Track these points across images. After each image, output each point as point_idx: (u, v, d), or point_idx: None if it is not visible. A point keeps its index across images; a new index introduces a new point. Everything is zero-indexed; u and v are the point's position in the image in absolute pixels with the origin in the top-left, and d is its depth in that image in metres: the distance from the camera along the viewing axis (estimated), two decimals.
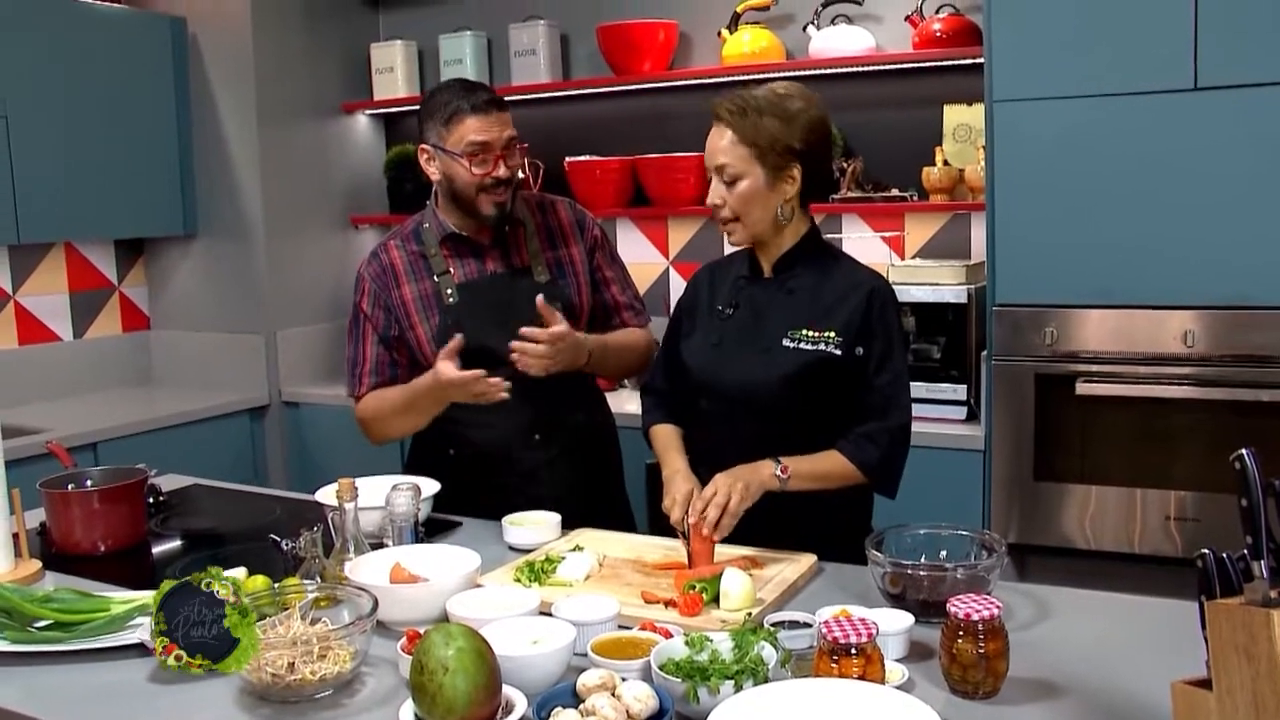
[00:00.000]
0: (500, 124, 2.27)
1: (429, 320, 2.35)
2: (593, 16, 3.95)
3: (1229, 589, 1.19)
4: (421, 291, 2.36)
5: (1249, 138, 2.58)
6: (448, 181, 2.31)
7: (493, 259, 2.39)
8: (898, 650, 1.54)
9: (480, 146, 2.24)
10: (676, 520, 1.92)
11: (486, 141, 2.24)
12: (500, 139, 2.26)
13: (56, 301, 4.10)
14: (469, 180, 2.27)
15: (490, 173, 2.26)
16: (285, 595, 1.63)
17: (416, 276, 2.38)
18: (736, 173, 1.96)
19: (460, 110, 2.25)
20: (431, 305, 2.35)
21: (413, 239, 2.41)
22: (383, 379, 2.38)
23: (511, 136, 2.29)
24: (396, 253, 2.40)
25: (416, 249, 2.40)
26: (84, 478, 2.24)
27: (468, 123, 2.24)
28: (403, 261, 2.39)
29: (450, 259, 2.38)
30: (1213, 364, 2.67)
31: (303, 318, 4.27)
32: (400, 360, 2.39)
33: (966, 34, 3.33)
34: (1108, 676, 1.47)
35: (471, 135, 2.23)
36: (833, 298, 2.03)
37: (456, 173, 2.28)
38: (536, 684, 1.41)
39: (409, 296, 2.37)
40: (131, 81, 3.93)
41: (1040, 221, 2.80)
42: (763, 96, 1.96)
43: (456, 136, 2.25)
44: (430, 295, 2.36)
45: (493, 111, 2.26)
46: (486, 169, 2.26)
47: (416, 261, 2.39)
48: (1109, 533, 2.81)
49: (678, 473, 2.04)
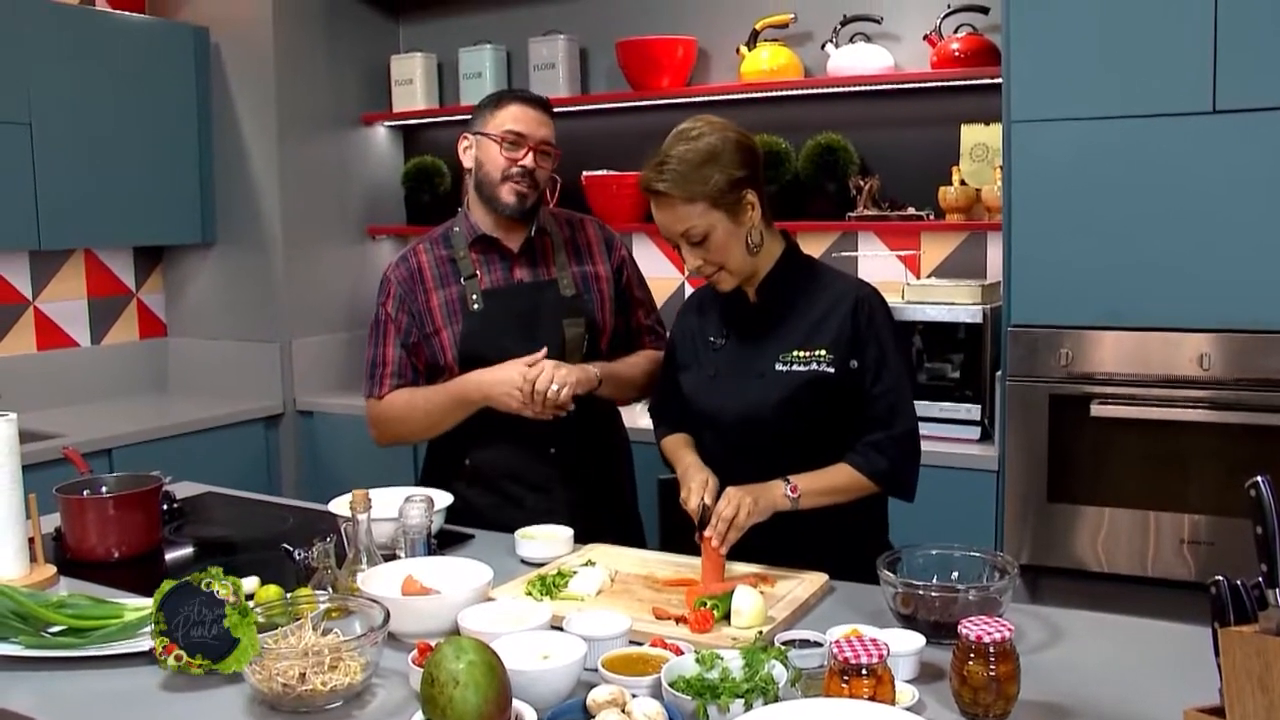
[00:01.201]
0: (540, 122, 2.35)
1: (453, 325, 2.36)
2: (612, 31, 3.97)
3: (1243, 616, 1.18)
4: (448, 297, 2.38)
5: (1267, 161, 2.57)
6: (478, 168, 2.36)
7: (520, 268, 2.40)
8: (908, 671, 1.53)
9: (516, 135, 2.31)
10: (694, 508, 1.92)
11: (523, 132, 2.31)
12: (536, 134, 2.33)
13: (75, 308, 4.13)
14: (497, 164, 2.32)
15: (518, 160, 2.31)
16: (297, 605, 1.64)
17: (444, 281, 2.39)
18: (702, 231, 1.94)
19: (507, 99, 2.36)
20: (456, 310, 2.37)
21: (442, 243, 2.43)
22: (405, 381, 2.39)
23: (547, 138, 2.35)
24: (425, 257, 2.42)
25: (445, 253, 2.42)
26: (99, 484, 2.25)
27: (511, 109, 2.33)
28: (430, 266, 2.41)
29: (478, 263, 2.40)
30: (1228, 387, 2.65)
31: (318, 327, 4.29)
32: (419, 367, 2.40)
33: (985, 54, 3.33)
34: (1119, 701, 1.46)
35: (511, 123, 2.32)
36: (818, 314, 2.02)
37: (488, 155, 2.34)
38: (547, 699, 1.41)
39: (435, 302, 2.38)
40: (153, 91, 3.96)
41: (1057, 242, 2.80)
42: (682, 150, 1.93)
43: (498, 121, 2.33)
44: (455, 300, 2.38)
45: (537, 109, 2.36)
46: (516, 155, 2.31)
47: (444, 265, 2.40)
48: (1122, 555, 2.79)
49: (691, 465, 2.05)
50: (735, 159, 1.94)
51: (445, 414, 2.34)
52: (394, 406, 2.39)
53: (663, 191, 1.93)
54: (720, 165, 1.92)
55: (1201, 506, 2.70)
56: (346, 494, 1.90)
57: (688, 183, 1.91)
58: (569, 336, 2.36)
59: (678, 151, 1.93)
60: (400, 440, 2.47)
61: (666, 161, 1.93)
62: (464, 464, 2.42)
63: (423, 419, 2.37)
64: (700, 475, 1.98)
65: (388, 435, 2.44)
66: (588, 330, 2.39)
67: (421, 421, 2.38)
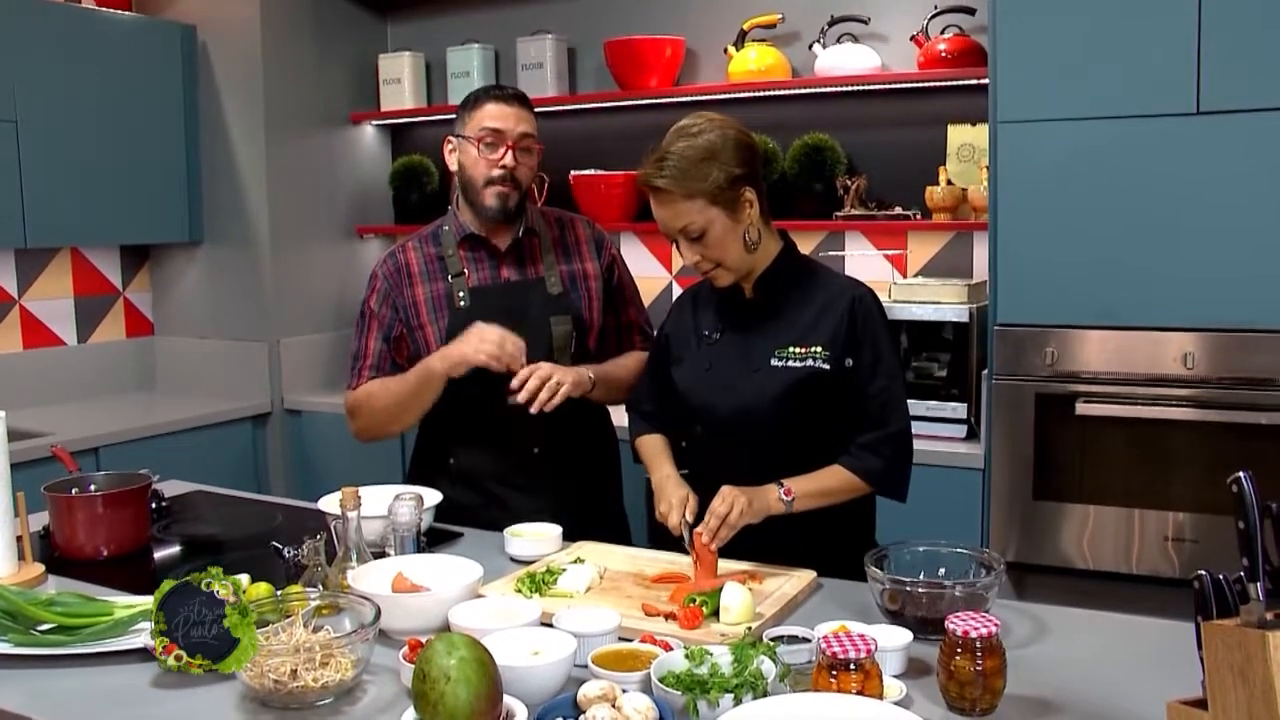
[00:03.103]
0: (517, 117, 2.32)
1: (438, 321, 2.37)
2: (600, 31, 3.98)
3: (1225, 610, 1.20)
4: (434, 292, 2.38)
5: (1250, 161, 2.59)
6: (461, 172, 2.36)
7: (508, 266, 2.41)
8: (896, 666, 1.54)
9: (493, 133, 2.30)
10: (675, 525, 1.93)
11: (500, 129, 2.30)
12: (514, 130, 2.31)
13: (61, 306, 4.12)
14: (478, 167, 2.31)
15: (498, 161, 2.29)
16: (288, 602, 1.64)
17: (430, 277, 2.40)
18: (700, 227, 1.96)
19: (482, 97, 2.34)
20: (442, 306, 2.37)
21: (431, 241, 2.44)
22: (382, 374, 2.39)
23: (526, 132, 2.33)
24: (413, 254, 2.43)
25: (434, 250, 2.42)
26: (88, 482, 2.25)
27: (487, 108, 2.32)
28: (418, 262, 2.41)
29: (466, 261, 2.40)
30: (1212, 386, 2.68)
31: (306, 326, 4.28)
32: (401, 362, 2.40)
33: (971, 55, 3.35)
34: (1104, 695, 1.47)
35: (488, 121, 2.30)
36: (815, 312, 2.04)
37: (469, 158, 2.33)
38: (537, 694, 1.42)
39: (420, 296, 2.39)
40: (140, 89, 3.95)
41: (1042, 242, 2.82)
42: (682, 146, 1.94)
43: (475, 122, 2.32)
44: (442, 297, 2.38)
45: (513, 104, 2.33)
46: (495, 156, 2.29)
47: (432, 263, 2.41)
48: (1107, 553, 2.82)
49: (668, 478, 2.06)
50: (735, 156, 1.95)
51: (412, 395, 2.30)
52: (364, 394, 2.38)
53: (662, 187, 1.94)
54: (720, 162, 1.94)
55: (1185, 504, 2.72)
56: (335, 492, 1.90)
57: (687, 179, 1.93)
58: (556, 334, 2.37)
59: (678, 148, 1.95)
60: (374, 430, 2.42)
61: (666, 157, 1.94)
62: (449, 463, 2.42)
63: (391, 403, 2.34)
64: (680, 492, 1.99)
65: (361, 424, 2.41)
66: (575, 328, 2.39)
67: (390, 406, 2.34)
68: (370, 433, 2.43)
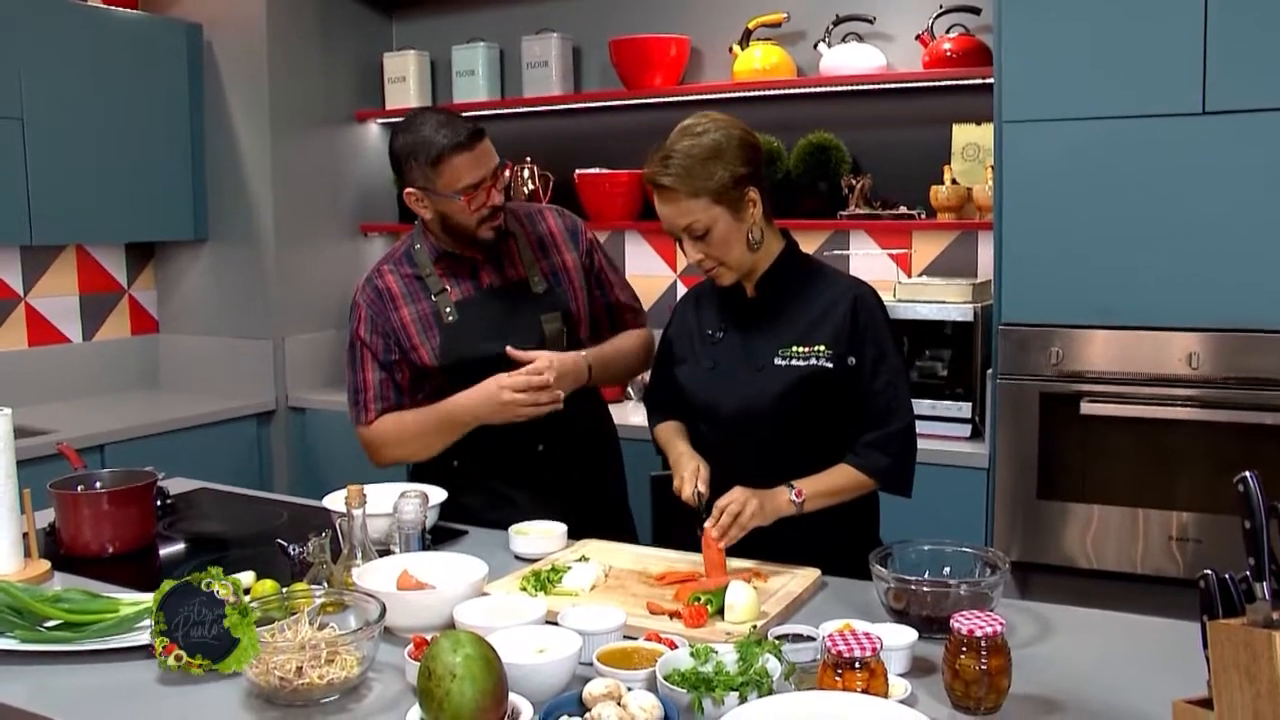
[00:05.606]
0: (487, 156, 2.24)
1: (430, 341, 2.34)
2: (605, 30, 3.98)
3: (1231, 610, 1.20)
4: (420, 312, 2.35)
5: (1256, 161, 2.59)
6: (443, 218, 2.29)
7: (488, 274, 2.38)
8: (901, 665, 1.55)
9: (474, 187, 2.23)
10: (689, 496, 1.94)
11: (479, 181, 2.22)
12: (490, 171, 2.24)
13: (66, 303, 4.13)
14: (464, 214, 2.25)
15: (487, 203, 2.25)
16: (293, 600, 1.65)
17: (414, 298, 2.36)
18: (704, 225, 1.96)
19: (445, 151, 2.19)
20: (431, 325, 2.34)
21: (405, 262, 2.40)
22: (388, 404, 2.36)
23: (496, 164, 2.27)
24: (391, 277, 2.38)
25: (410, 271, 2.38)
26: (93, 479, 2.25)
27: (456, 164, 2.19)
28: (399, 285, 2.37)
29: (446, 278, 2.37)
30: (1217, 386, 2.67)
31: (311, 324, 4.29)
32: (402, 382, 2.37)
33: (976, 54, 3.35)
34: (1109, 694, 1.47)
35: (465, 179, 2.20)
36: (818, 311, 2.04)
37: (453, 211, 2.25)
38: (542, 692, 1.42)
39: (408, 318, 2.35)
40: (146, 86, 3.96)
41: (1047, 241, 2.82)
42: (688, 145, 1.95)
43: (447, 179, 2.21)
44: (429, 315, 2.35)
45: (476, 145, 2.21)
46: (483, 201, 2.25)
47: (412, 284, 2.37)
48: (1111, 552, 2.81)
49: (683, 454, 2.07)
50: (739, 156, 1.96)
51: (436, 436, 2.32)
52: (384, 432, 2.36)
53: (667, 186, 1.95)
54: (724, 162, 1.94)
55: (1190, 504, 2.72)
56: (340, 490, 1.90)
57: (691, 178, 1.93)
58: (548, 332, 2.35)
59: (682, 146, 1.95)
60: (400, 462, 2.43)
61: (671, 156, 1.95)
62: (452, 464, 2.41)
63: (416, 442, 2.35)
64: (691, 463, 2.01)
65: (385, 459, 2.39)
66: (565, 322, 2.38)
67: (416, 444, 2.35)
68: (396, 464, 2.43)
